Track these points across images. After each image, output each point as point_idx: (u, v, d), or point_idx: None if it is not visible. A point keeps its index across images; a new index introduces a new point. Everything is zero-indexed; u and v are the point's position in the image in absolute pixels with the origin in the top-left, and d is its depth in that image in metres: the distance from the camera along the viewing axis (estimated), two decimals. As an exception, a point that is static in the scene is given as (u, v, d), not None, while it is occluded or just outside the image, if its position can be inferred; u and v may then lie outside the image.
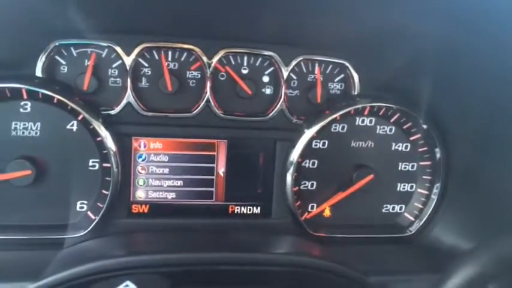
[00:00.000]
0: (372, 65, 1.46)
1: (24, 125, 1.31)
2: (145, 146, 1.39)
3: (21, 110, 1.30)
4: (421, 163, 1.52)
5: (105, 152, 1.33)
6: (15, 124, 1.30)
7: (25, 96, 1.29)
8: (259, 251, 1.22)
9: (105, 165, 1.34)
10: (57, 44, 1.31)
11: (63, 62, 1.33)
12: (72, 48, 1.33)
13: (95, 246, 1.26)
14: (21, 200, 1.33)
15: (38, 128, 1.32)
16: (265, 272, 1.10)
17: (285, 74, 1.43)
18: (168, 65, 1.38)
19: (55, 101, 1.29)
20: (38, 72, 1.31)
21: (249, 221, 1.47)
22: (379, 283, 1.21)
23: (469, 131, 1.44)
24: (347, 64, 1.47)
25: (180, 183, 1.43)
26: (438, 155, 1.48)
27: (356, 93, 1.49)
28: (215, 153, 1.43)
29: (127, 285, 0.86)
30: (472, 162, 1.45)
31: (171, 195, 1.43)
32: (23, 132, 1.31)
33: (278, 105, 1.44)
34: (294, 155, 1.42)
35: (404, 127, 1.50)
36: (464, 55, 1.26)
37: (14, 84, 1.25)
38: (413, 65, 1.40)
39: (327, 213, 1.51)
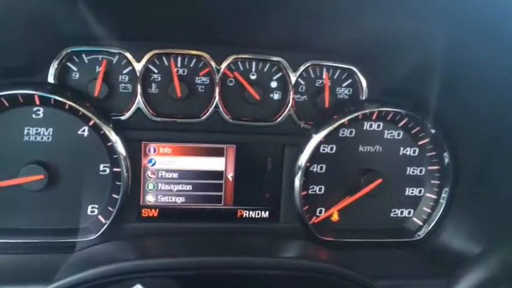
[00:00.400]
0: (379, 70, 1.46)
1: (37, 130, 1.33)
2: (154, 151, 1.41)
3: (34, 115, 1.33)
4: (430, 168, 1.52)
5: (115, 156, 1.35)
6: (28, 129, 1.32)
7: (37, 102, 1.31)
8: (268, 255, 1.22)
9: (115, 169, 1.36)
10: (69, 50, 1.33)
11: (75, 69, 1.35)
12: (83, 55, 1.35)
13: (105, 249, 1.28)
14: (34, 204, 1.35)
15: (50, 134, 1.34)
16: (273, 276, 1.11)
17: (293, 80, 1.44)
18: (178, 71, 1.40)
19: (67, 107, 1.31)
20: (50, 79, 1.33)
21: (257, 225, 1.48)
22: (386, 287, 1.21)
23: (478, 135, 1.44)
24: (355, 69, 1.47)
25: (189, 187, 1.45)
26: (447, 160, 1.48)
27: (364, 98, 1.49)
28: (224, 158, 1.45)
29: (137, 289, 0.87)
30: (481, 166, 1.45)
31: (180, 200, 1.45)
32: (36, 138, 1.34)
33: (286, 111, 1.45)
34: (302, 160, 1.43)
35: (413, 132, 1.50)
36: (472, 60, 1.26)
37: (27, 91, 1.28)
38: (421, 70, 1.40)
39: (335, 217, 1.51)
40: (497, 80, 1.26)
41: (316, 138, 1.43)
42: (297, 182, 1.44)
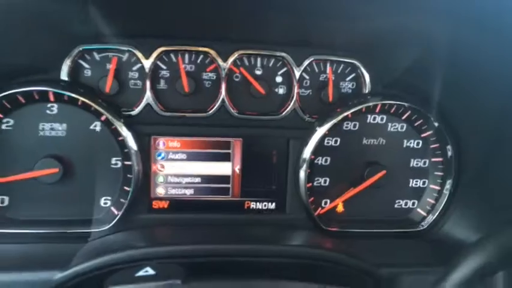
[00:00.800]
0: (382, 64, 1.49)
1: (51, 125, 1.39)
2: (164, 145, 1.46)
3: (48, 111, 1.39)
4: (433, 159, 1.55)
5: (126, 150, 1.40)
6: (43, 125, 1.39)
7: (52, 99, 1.37)
8: (273, 244, 1.27)
9: (126, 163, 1.42)
10: (80, 49, 1.39)
11: (87, 66, 1.41)
12: (95, 53, 1.41)
13: (118, 239, 1.34)
14: (49, 196, 1.41)
15: (64, 129, 1.40)
16: (278, 264, 1.15)
17: (297, 74, 1.48)
18: (185, 67, 1.44)
19: (79, 103, 1.37)
20: (64, 76, 1.39)
21: (264, 216, 1.53)
22: (389, 275, 1.24)
23: (481, 127, 1.46)
24: (358, 63, 1.50)
25: (197, 180, 1.49)
26: (450, 152, 1.51)
27: (367, 91, 1.52)
28: (231, 151, 1.49)
29: (146, 271, 0.92)
30: (484, 157, 1.47)
31: (189, 192, 1.50)
32: (50, 133, 1.40)
33: (291, 105, 1.49)
34: (307, 153, 1.47)
35: (416, 124, 1.53)
36: (474, 53, 1.28)
37: (42, 88, 1.34)
38: (423, 64, 1.43)
39: (340, 208, 1.55)
40: (500, 73, 1.28)
41: (321, 131, 1.47)
42: (302, 174, 1.47)
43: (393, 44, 1.40)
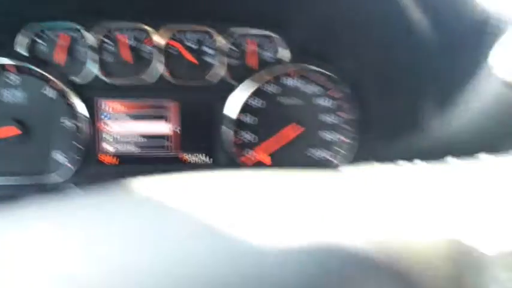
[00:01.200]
0: (295, 34, 1.74)
1: (13, 93, 1.65)
2: (108, 107, 1.71)
3: (9, 81, 1.64)
4: (342, 116, 1.80)
5: (75, 113, 1.66)
6: (5, 92, 1.64)
7: (12, 70, 1.63)
8: None
9: (76, 123, 1.67)
10: (35, 27, 1.64)
11: (40, 42, 1.66)
12: (46, 30, 1.66)
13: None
14: (14, 154, 1.66)
15: (24, 95, 1.65)
16: None
17: (225, 46, 1.73)
18: (126, 42, 1.69)
19: (36, 73, 1.63)
20: (22, 50, 1.64)
21: (199, 167, 1.78)
22: None
23: (381, 89, 1.71)
24: (275, 35, 1.76)
25: (140, 138, 1.74)
26: (356, 110, 1.76)
27: (286, 59, 1.78)
28: (169, 113, 1.74)
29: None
30: (384, 113, 1.72)
31: (133, 148, 1.74)
32: (12, 100, 1.65)
33: (220, 72, 1.74)
34: (234, 112, 1.73)
35: (328, 87, 1.78)
36: (381, 20, 1.52)
37: (3, 60, 1.59)
38: (334, 33, 1.69)
39: (265, 160, 1.80)
40: (392, 38, 1.51)
41: (246, 94, 1.73)
42: (230, 131, 1.73)
43: (303, 15, 1.65)
